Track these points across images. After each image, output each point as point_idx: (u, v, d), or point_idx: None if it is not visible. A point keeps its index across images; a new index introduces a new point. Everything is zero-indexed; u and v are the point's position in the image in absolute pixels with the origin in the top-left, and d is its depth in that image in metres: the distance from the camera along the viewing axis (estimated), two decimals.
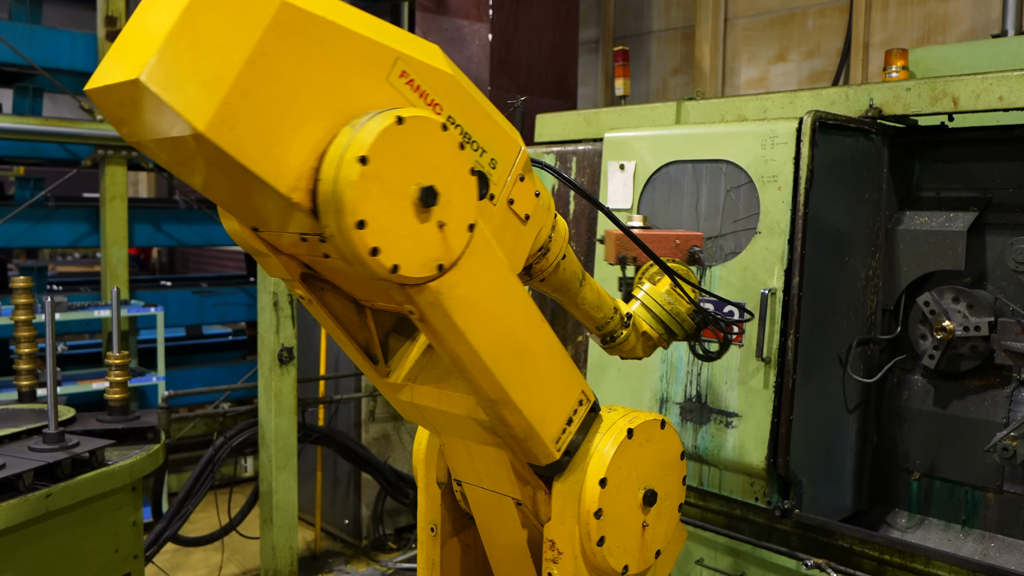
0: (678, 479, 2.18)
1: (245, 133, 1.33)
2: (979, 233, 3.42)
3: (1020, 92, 3.03)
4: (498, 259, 1.75)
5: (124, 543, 3.20)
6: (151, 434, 3.31)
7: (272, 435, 4.27)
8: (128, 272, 5.93)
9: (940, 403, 3.55)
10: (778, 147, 3.24)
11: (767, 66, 7.43)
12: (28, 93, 5.87)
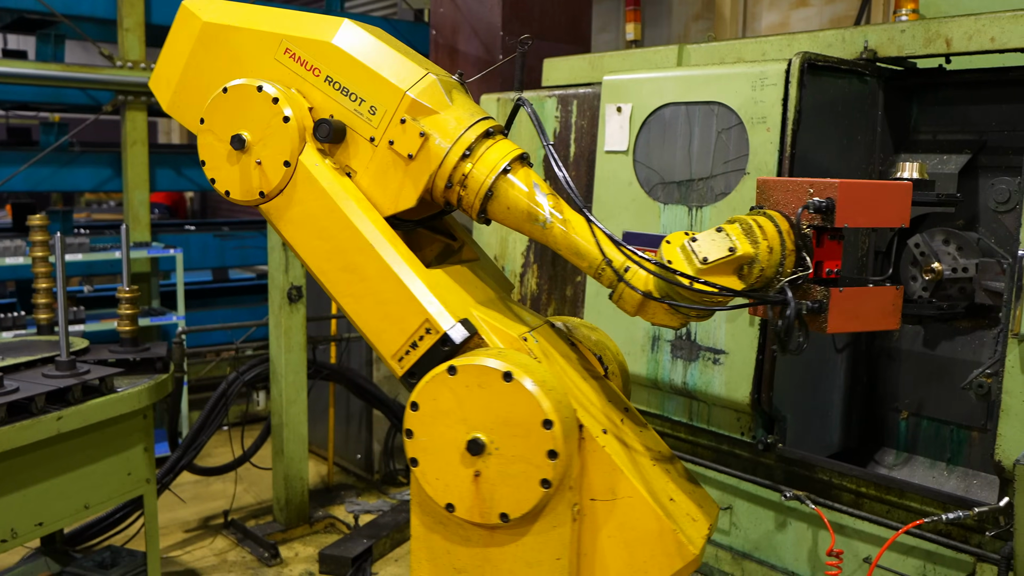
0: (537, 449, 2.01)
1: (184, 109, 2.34)
2: (972, 176, 3.43)
3: (1012, 33, 3.01)
4: (321, 190, 2.15)
5: (136, 467, 3.38)
6: (160, 364, 3.46)
7: (283, 370, 4.42)
8: (150, 216, 6.10)
9: (929, 344, 3.59)
10: (767, 88, 3.27)
11: (788, 11, 7.34)
12: (50, 40, 5.97)
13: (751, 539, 3.59)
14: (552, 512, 2.07)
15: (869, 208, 2.07)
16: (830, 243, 2.06)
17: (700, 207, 3.54)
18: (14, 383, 2.87)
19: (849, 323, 2.09)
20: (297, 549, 4.42)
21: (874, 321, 2.14)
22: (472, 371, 2.04)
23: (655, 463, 2.30)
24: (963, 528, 3.00)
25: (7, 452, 2.77)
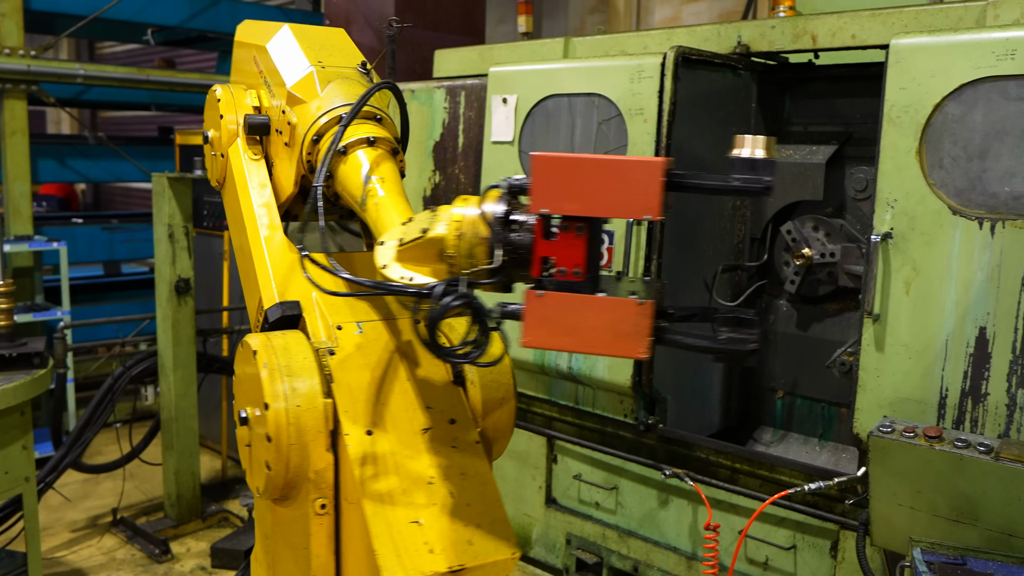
0: (260, 429, 2.02)
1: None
2: (839, 165, 3.61)
3: (871, 30, 3.18)
4: (233, 177, 2.40)
5: (14, 466, 3.27)
6: (38, 359, 3.36)
7: (171, 364, 4.34)
8: (32, 208, 5.87)
9: (801, 326, 3.77)
10: (644, 81, 3.38)
11: (680, 5, 7.54)
12: None
13: (635, 517, 3.72)
14: (296, 500, 2.09)
15: (588, 192, 1.55)
16: (566, 236, 1.58)
17: None
18: None
19: (555, 338, 1.61)
20: (189, 544, 4.36)
21: (599, 342, 1.58)
22: (242, 347, 2.11)
23: (429, 483, 2.07)
24: (827, 499, 3.17)
25: None
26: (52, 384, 3.43)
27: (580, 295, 1.57)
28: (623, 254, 3.38)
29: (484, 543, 2.06)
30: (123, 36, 7.23)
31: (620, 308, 1.54)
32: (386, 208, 2.03)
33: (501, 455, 2.39)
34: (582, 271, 1.57)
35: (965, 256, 2.71)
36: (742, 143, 1.67)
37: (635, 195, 1.52)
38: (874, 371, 2.93)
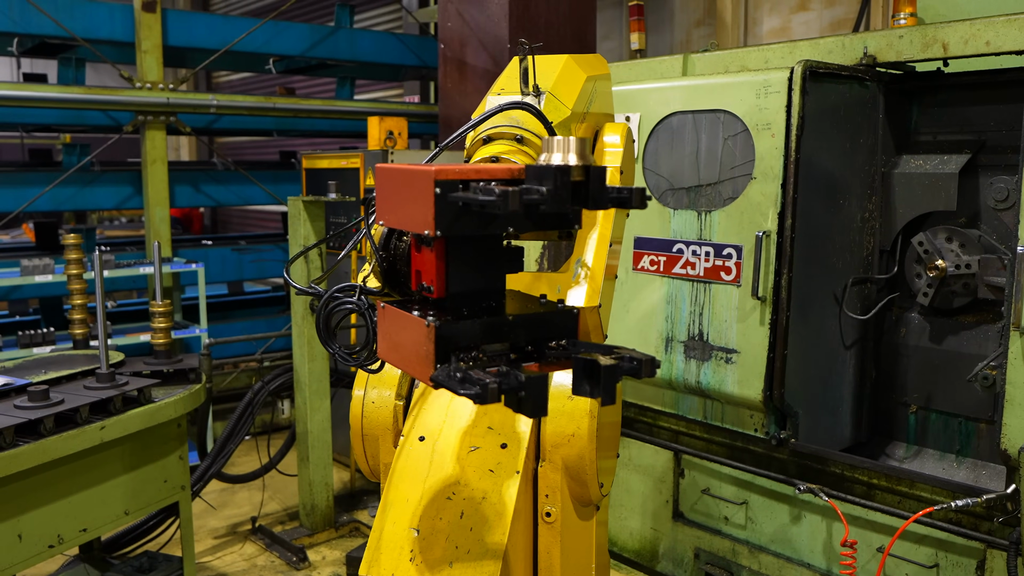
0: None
1: None
2: (972, 175, 3.53)
3: (1007, 36, 3.11)
4: None
5: (172, 474, 3.49)
6: (193, 375, 3.58)
7: (306, 378, 4.53)
8: (171, 232, 6.23)
9: (935, 339, 3.69)
10: (771, 96, 3.38)
11: (789, 15, 7.43)
12: (71, 64, 6.08)
13: (767, 533, 3.69)
14: None
15: (397, 203, 1.42)
16: (427, 251, 1.45)
17: (709, 211, 3.65)
18: (59, 395, 2.98)
19: (390, 353, 1.50)
20: (324, 553, 4.52)
21: (407, 360, 1.44)
22: None
23: (448, 498, 2.06)
24: (972, 516, 3.09)
25: (55, 461, 2.88)
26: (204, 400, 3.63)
27: (400, 311, 1.42)
28: (752, 268, 3.39)
29: (463, 569, 2.03)
30: (248, 66, 7.59)
31: (417, 328, 1.37)
32: None
33: (603, 490, 2.20)
34: (435, 287, 1.43)
35: None
36: (548, 147, 1.39)
37: (417, 206, 1.34)
38: (1022, 386, 2.85)
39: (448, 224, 1.32)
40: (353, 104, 7.12)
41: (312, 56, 7.11)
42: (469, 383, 1.26)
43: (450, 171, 1.34)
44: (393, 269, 1.64)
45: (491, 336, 1.42)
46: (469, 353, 1.38)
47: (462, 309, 1.45)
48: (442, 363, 1.34)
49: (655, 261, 3.85)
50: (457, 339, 1.36)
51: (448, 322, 1.36)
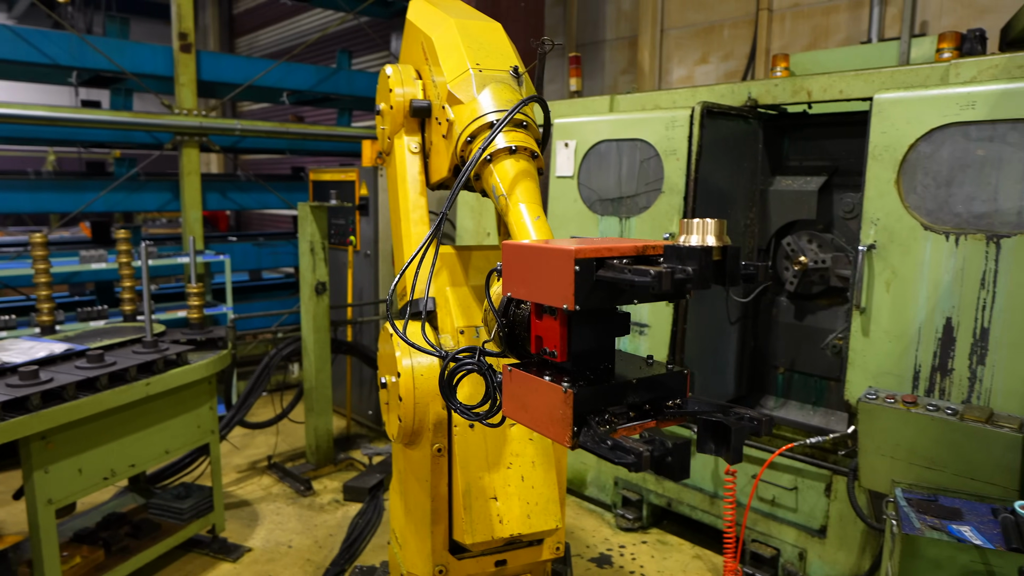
0: (394, 392, 2.13)
1: None
2: (828, 192, 3.63)
3: (854, 87, 3.20)
4: (397, 170, 2.25)
5: (204, 421, 3.46)
6: (221, 343, 3.55)
7: (311, 347, 4.51)
8: (203, 230, 6.12)
9: (798, 317, 3.79)
10: (677, 128, 3.44)
11: (693, 67, 7.52)
12: (121, 93, 5.96)
13: None
14: (420, 445, 2.17)
15: (531, 277, 1.29)
16: (548, 318, 1.29)
17: (628, 217, 3.70)
18: (112, 358, 2.95)
19: (518, 412, 1.35)
20: (325, 483, 4.51)
21: (540, 421, 1.29)
22: (384, 331, 2.19)
23: (507, 467, 2.17)
24: (823, 450, 3.20)
25: (108, 410, 2.85)
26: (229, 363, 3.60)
27: (531, 376, 1.29)
28: None
29: (537, 517, 2.18)
30: (266, 98, 7.46)
31: (551, 393, 1.24)
32: (516, 212, 1.82)
33: None
34: (558, 352, 1.28)
35: (935, 262, 2.73)
36: (688, 228, 1.20)
37: (556, 284, 1.22)
38: (861, 352, 2.96)
39: (585, 298, 1.20)
40: (350, 130, 7.05)
41: (318, 91, 7.02)
42: (621, 451, 1.13)
43: (587, 251, 1.20)
44: (512, 334, 1.44)
45: (617, 398, 1.27)
46: (601, 415, 1.23)
47: (585, 372, 1.30)
48: (578, 425, 1.20)
49: None
50: (589, 403, 1.22)
51: (582, 387, 1.22)
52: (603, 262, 1.20)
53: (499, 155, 1.86)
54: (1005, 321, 2.58)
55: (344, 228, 5.32)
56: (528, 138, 1.92)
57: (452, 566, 2.29)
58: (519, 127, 1.93)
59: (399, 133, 2.25)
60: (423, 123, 2.24)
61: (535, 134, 1.99)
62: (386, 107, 2.25)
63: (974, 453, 2.45)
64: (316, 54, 10.94)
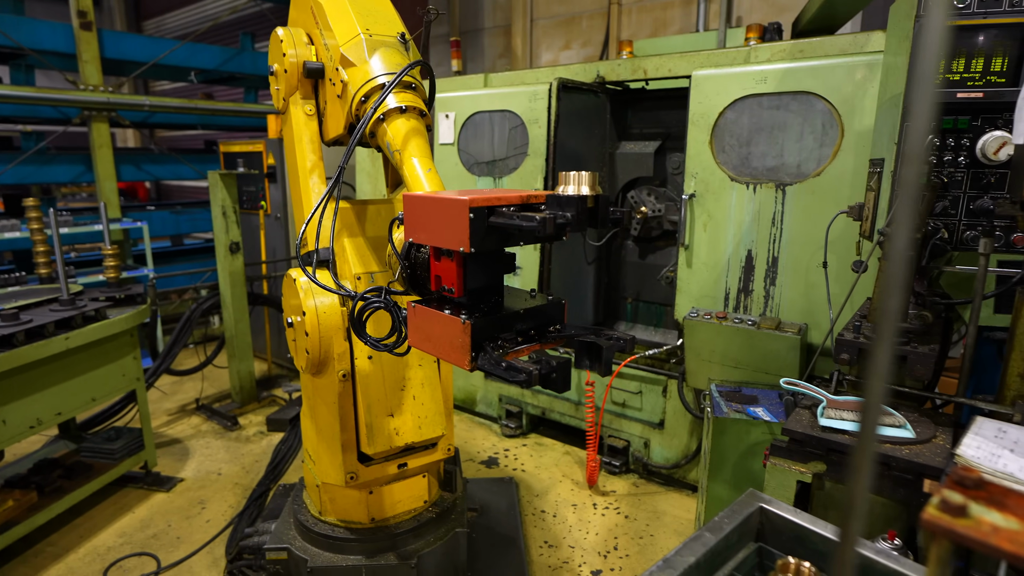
0: (300, 330, 2.09)
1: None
2: (662, 153, 3.77)
3: (680, 67, 3.29)
4: (294, 131, 2.10)
5: (128, 370, 3.23)
6: (140, 299, 3.30)
7: (229, 300, 4.28)
8: (119, 199, 5.59)
9: (641, 256, 3.96)
10: (539, 101, 3.45)
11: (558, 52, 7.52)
12: (21, 68, 5.24)
13: None
14: (327, 373, 2.14)
15: (430, 225, 1.26)
16: (446, 260, 1.27)
17: (500, 177, 3.71)
18: (29, 316, 2.68)
19: (423, 342, 1.31)
20: (250, 418, 4.35)
21: (443, 350, 1.26)
22: (288, 278, 2.13)
23: (401, 389, 2.21)
24: (660, 360, 3.39)
25: (28, 364, 2.60)
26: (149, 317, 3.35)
27: (432, 310, 1.26)
28: None
29: (427, 427, 2.27)
30: (173, 77, 6.81)
31: (451, 325, 1.21)
32: (410, 165, 1.76)
33: None
34: (455, 289, 1.25)
35: (739, 207, 2.91)
36: (566, 180, 1.25)
37: (453, 230, 1.19)
38: (686, 280, 3.13)
39: (479, 242, 1.17)
40: (256, 106, 6.59)
41: (224, 71, 6.49)
42: (514, 371, 1.12)
43: (479, 200, 1.18)
44: (414, 274, 1.42)
45: (507, 327, 1.26)
46: (494, 342, 1.22)
47: (479, 305, 1.28)
48: (475, 351, 1.19)
49: None
50: (485, 332, 1.21)
51: (477, 319, 1.20)
52: (494, 210, 1.18)
53: (391, 114, 1.80)
54: (788, 251, 2.81)
55: (255, 194, 5.02)
56: (416, 98, 1.85)
57: (361, 472, 2.29)
58: (408, 88, 1.86)
59: (294, 97, 2.10)
60: (316, 84, 2.10)
61: (422, 94, 1.92)
62: (280, 68, 2.09)
63: (767, 353, 2.67)
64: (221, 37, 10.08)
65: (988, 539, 0.62)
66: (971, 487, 0.71)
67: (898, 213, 0.40)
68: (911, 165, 0.42)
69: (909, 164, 0.43)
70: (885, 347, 0.40)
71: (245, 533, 2.69)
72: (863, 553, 0.99)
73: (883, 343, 0.43)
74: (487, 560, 2.68)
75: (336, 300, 2.11)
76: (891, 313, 0.44)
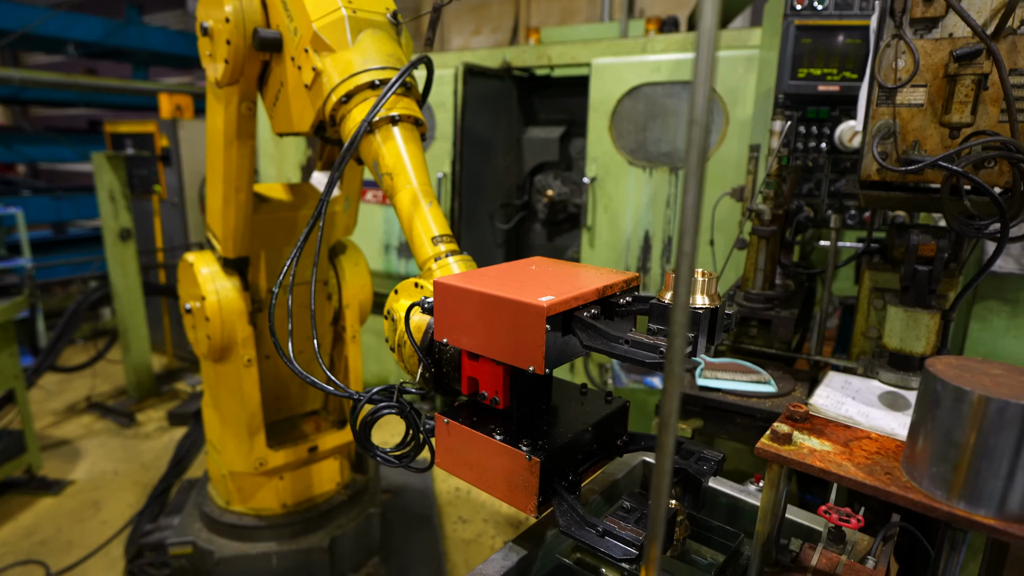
0: (201, 316, 2.09)
1: None
2: (567, 139, 3.88)
3: (582, 54, 3.39)
4: (225, 126, 1.83)
5: (4, 368, 2.99)
6: (15, 290, 3.05)
7: (122, 290, 4.02)
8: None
9: (549, 238, 4.06)
10: (445, 85, 3.46)
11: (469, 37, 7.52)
12: None
13: None
14: (230, 360, 2.12)
15: (480, 328, 0.90)
16: (487, 362, 0.96)
17: None
18: None
19: (459, 469, 1.01)
20: (150, 414, 4.14)
21: (496, 486, 0.96)
22: (183, 262, 2.11)
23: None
24: None
25: None
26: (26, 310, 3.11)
27: (477, 433, 0.97)
28: (439, 195, 3.50)
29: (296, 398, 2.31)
30: (49, 49, 6.24)
31: (511, 458, 0.93)
32: (407, 199, 1.34)
33: None
34: (500, 399, 0.96)
35: (637, 190, 3.07)
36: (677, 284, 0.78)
37: (518, 342, 0.86)
38: (589, 260, 3.27)
39: (555, 359, 0.85)
40: (146, 84, 6.17)
41: (109, 44, 6.01)
42: (615, 539, 0.84)
43: (557, 304, 0.84)
44: (440, 372, 1.07)
45: (577, 453, 0.99)
46: (563, 475, 0.95)
47: (531, 420, 1.01)
48: (544, 493, 0.91)
49: (376, 195, 3.85)
50: (554, 465, 0.94)
51: (545, 450, 0.91)
52: (571, 315, 0.87)
53: (381, 124, 1.39)
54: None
55: (147, 178, 4.72)
56: (412, 104, 1.46)
57: (270, 458, 2.27)
58: (403, 91, 1.45)
59: (230, 90, 1.71)
60: (264, 69, 1.68)
61: (416, 96, 1.51)
62: (216, 26, 1.63)
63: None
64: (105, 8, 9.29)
65: (805, 459, 0.73)
66: (799, 420, 0.83)
67: (684, 223, 0.47)
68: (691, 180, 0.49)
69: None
70: (681, 309, 0.48)
71: (145, 530, 2.58)
72: (716, 487, 1.11)
73: (679, 304, 0.51)
74: (402, 538, 2.72)
75: (238, 284, 2.07)
76: (683, 282, 0.53)
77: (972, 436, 0.62)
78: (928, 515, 0.64)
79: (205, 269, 2.06)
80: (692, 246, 0.48)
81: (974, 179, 1.18)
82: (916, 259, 1.31)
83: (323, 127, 1.60)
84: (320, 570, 2.32)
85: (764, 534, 0.82)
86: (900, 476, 0.69)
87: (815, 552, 0.92)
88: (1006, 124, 1.27)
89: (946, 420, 0.64)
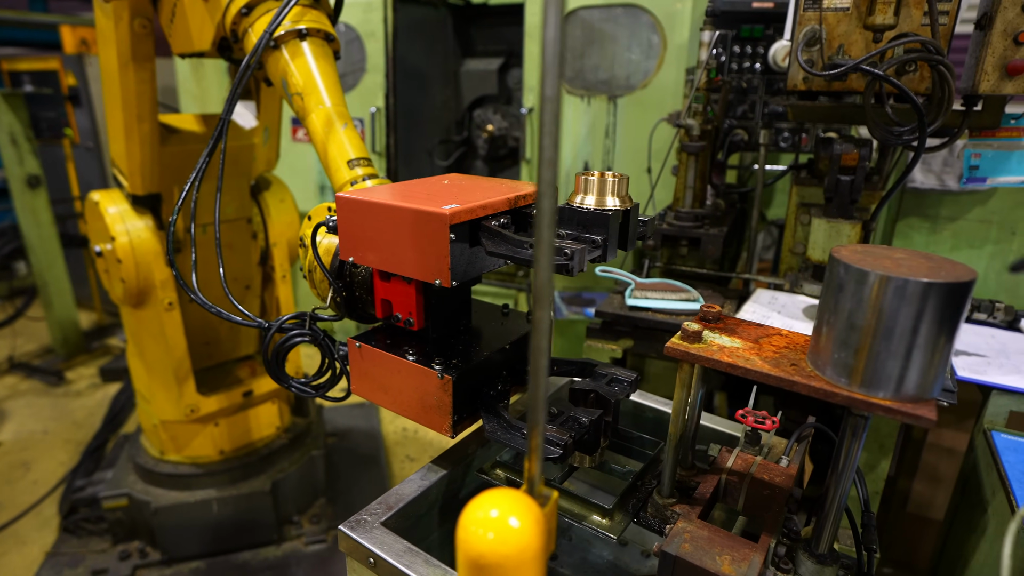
0: (112, 259, 2.01)
1: None
2: (505, 71, 3.75)
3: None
4: (119, 51, 1.69)
5: None
6: None
7: (36, 242, 3.75)
8: None
9: (491, 175, 3.99)
10: (374, 12, 3.26)
11: None
12: None
13: None
14: (150, 304, 2.05)
15: (384, 243, 0.86)
16: (399, 282, 0.92)
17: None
18: None
19: (374, 393, 0.97)
20: (80, 371, 3.95)
21: (409, 407, 0.93)
22: (88, 202, 1.99)
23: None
24: (509, 275, 3.50)
25: None
26: None
27: (390, 355, 0.92)
28: (371, 133, 3.36)
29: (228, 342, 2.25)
30: None
31: (423, 377, 0.89)
32: (320, 119, 1.25)
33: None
34: (415, 320, 0.92)
35: (575, 119, 3.00)
36: (585, 187, 0.85)
37: (423, 255, 0.82)
38: None
39: (462, 271, 0.81)
40: (45, 16, 5.61)
41: None
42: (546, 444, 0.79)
43: (461, 212, 0.78)
44: (352, 296, 1.01)
45: (494, 373, 0.95)
46: (477, 394, 0.92)
47: (447, 339, 0.96)
48: (459, 413, 0.89)
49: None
50: (467, 384, 0.90)
51: (458, 367, 0.89)
52: (479, 225, 0.81)
53: (287, 39, 1.28)
54: (622, 161, 2.97)
55: (56, 121, 4.35)
56: (322, 17, 1.34)
57: (202, 404, 2.19)
58: (311, 3, 1.35)
59: (123, 3, 1.59)
60: None
61: (327, 9, 1.40)
62: None
63: None
64: None
65: (713, 355, 0.72)
66: (711, 321, 0.81)
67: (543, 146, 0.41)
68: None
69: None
70: (548, 202, 0.44)
71: (78, 486, 2.49)
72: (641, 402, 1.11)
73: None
74: (349, 479, 2.72)
75: (151, 223, 1.95)
76: (547, 200, 0.49)
77: (873, 318, 0.61)
78: (829, 401, 0.64)
79: (113, 208, 1.92)
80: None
81: (894, 82, 1.17)
82: (839, 169, 1.31)
83: (229, 47, 1.50)
84: (264, 513, 2.29)
85: (676, 435, 0.82)
86: (805, 367, 0.69)
87: (731, 455, 0.93)
88: (928, 28, 1.25)
89: (848, 304, 0.63)
